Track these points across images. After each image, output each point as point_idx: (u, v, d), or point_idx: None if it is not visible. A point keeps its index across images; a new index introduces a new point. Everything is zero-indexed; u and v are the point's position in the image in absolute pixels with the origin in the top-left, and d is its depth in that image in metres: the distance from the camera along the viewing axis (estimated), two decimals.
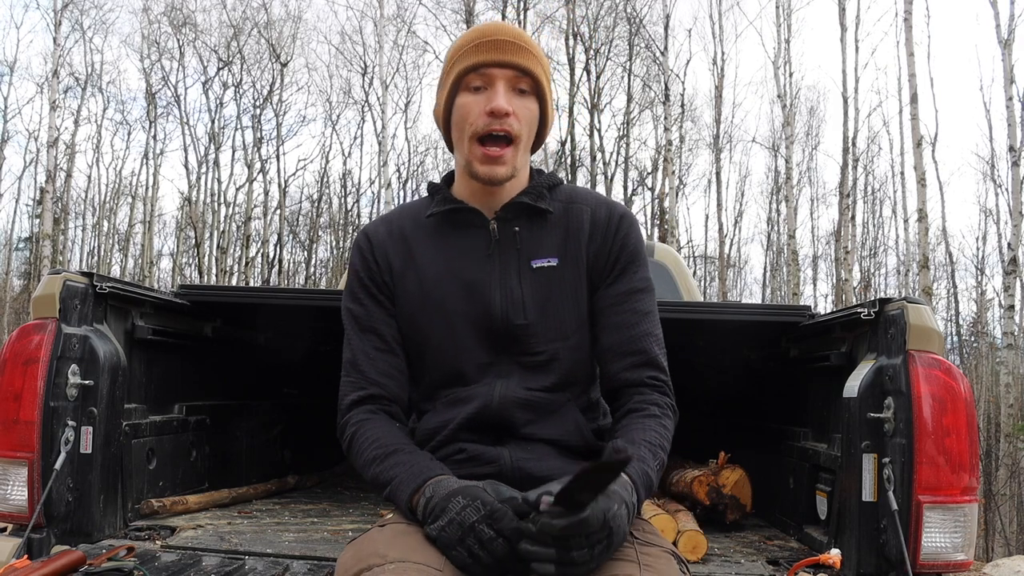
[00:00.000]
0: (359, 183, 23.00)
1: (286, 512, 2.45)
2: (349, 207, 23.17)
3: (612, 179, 20.60)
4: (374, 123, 21.34)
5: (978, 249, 20.39)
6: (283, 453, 3.14)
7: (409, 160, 22.16)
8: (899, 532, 1.69)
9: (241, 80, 21.20)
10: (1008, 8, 13.45)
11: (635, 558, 1.17)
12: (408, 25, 19.52)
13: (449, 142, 1.45)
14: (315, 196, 23.52)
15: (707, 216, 26.77)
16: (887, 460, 1.75)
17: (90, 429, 1.86)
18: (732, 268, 22.94)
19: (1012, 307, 12.17)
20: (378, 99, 18.55)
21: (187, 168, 21.43)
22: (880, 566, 1.76)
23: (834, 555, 1.76)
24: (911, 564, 1.69)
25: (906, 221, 18.59)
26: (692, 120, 21.28)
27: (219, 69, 21.29)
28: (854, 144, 17.00)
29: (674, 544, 1.96)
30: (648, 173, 21.20)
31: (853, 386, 1.85)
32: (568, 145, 19.28)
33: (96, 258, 22.82)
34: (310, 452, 3.24)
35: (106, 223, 23.25)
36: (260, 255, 21.40)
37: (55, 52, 16.78)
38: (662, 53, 16.66)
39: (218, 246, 21.03)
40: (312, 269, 23.68)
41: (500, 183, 1.38)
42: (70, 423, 1.82)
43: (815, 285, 22.85)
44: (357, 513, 2.48)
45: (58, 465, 1.79)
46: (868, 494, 1.78)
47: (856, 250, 18.62)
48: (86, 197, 22.92)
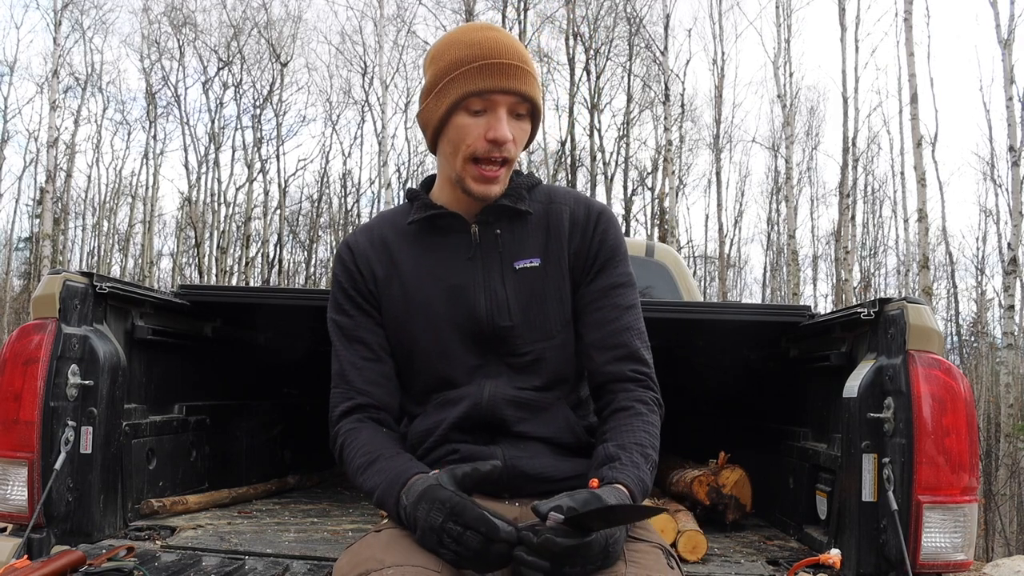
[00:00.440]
0: (359, 183, 23.04)
1: (286, 512, 2.45)
2: (349, 207, 23.19)
3: (612, 179, 20.61)
4: (374, 123, 21.38)
5: (978, 249, 20.42)
6: (283, 453, 3.14)
7: (409, 160, 22.20)
8: (899, 532, 1.69)
9: (241, 80, 21.22)
10: (1008, 8, 13.46)
11: (622, 554, 1.17)
12: (408, 25, 19.55)
13: (433, 146, 1.45)
14: (315, 196, 23.55)
15: (707, 216, 26.80)
16: (887, 460, 1.75)
17: (90, 429, 1.86)
18: (732, 268, 22.94)
19: (1012, 307, 12.17)
20: (378, 99, 18.58)
21: (187, 168, 21.46)
22: (880, 566, 1.76)
23: (834, 555, 1.76)
24: (911, 564, 1.69)
25: (906, 221, 18.61)
26: (692, 120, 21.32)
27: (219, 69, 21.31)
28: (854, 144, 17.01)
29: (674, 544, 1.96)
30: (648, 173, 21.22)
31: (853, 386, 1.85)
32: (568, 145, 19.29)
33: (96, 258, 22.82)
34: (310, 452, 3.24)
35: (106, 223, 23.26)
36: (260, 255, 21.41)
37: (55, 52, 16.79)
38: (662, 53, 16.67)
39: (218, 246, 21.03)
40: (312, 269, 23.69)
41: (492, 201, 1.40)
42: (70, 423, 1.82)
43: (815, 285, 22.87)
44: (357, 513, 2.48)
45: (58, 465, 1.79)
46: (868, 494, 1.78)
47: (856, 250, 18.63)
48: (86, 197, 22.95)
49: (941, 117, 40.13)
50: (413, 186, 1.52)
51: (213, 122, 21.42)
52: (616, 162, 20.83)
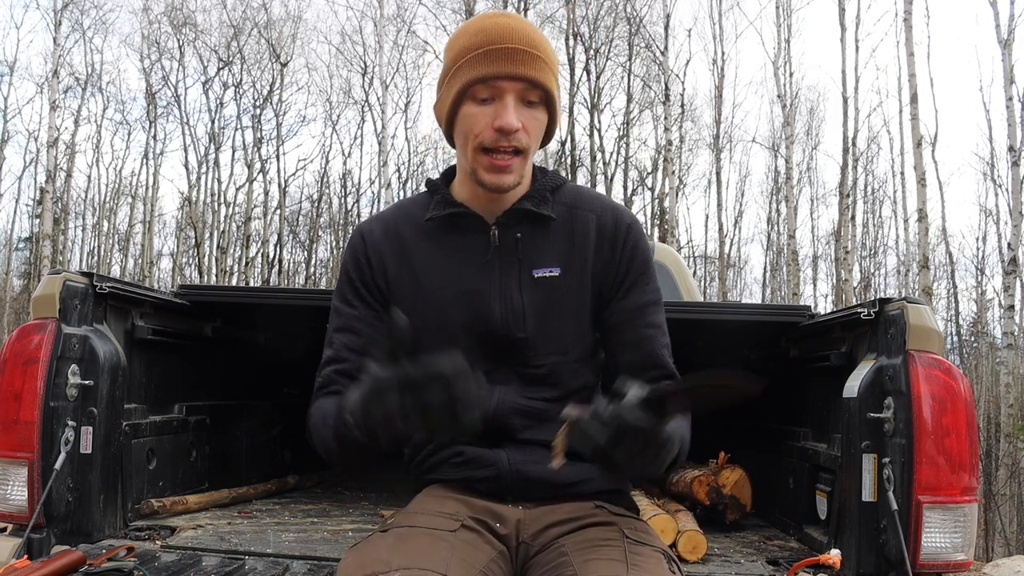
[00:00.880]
0: (359, 183, 23.00)
1: (286, 512, 2.45)
2: (349, 207, 23.18)
3: (612, 179, 20.61)
4: (374, 123, 21.34)
5: (978, 249, 20.41)
6: (283, 453, 3.14)
7: (409, 160, 22.16)
8: (899, 532, 1.69)
9: (241, 80, 21.22)
10: (1008, 8, 13.48)
11: (623, 558, 1.16)
12: (408, 25, 19.54)
13: (449, 138, 1.40)
14: (315, 196, 23.54)
15: (707, 216, 26.80)
16: (887, 460, 1.75)
17: (90, 429, 1.86)
18: (732, 268, 22.95)
19: (1012, 307, 12.18)
20: (378, 99, 18.56)
21: (187, 168, 21.45)
22: (880, 566, 1.76)
23: (834, 555, 1.76)
24: (911, 564, 1.69)
25: (906, 221, 18.61)
26: (692, 120, 21.31)
27: (219, 69, 21.31)
28: (854, 144, 17.01)
29: (674, 544, 1.97)
30: (648, 173, 21.22)
31: (853, 386, 1.85)
32: (568, 145, 19.29)
33: (96, 258, 22.82)
34: (310, 452, 3.23)
35: (106, 223, 23.27)
36: (260, 255, 21.41)
37: (55, 52, 16.79)
38: (662, 53, 16.67)
39: (218, 246, 21.03)
40: (312, 269, 23.69)
41: (506, 191, 1.34)
42: (70, 423, 1.82)
43: (815, 285, 22.86)
44: (357, 513, 2.48)
45: (58, 465, 1.79)
46: (868, 494, 1.78)
47: (856, 250, 18.64)
48: (86, 197, 22.95)
49: (941, 117, 40.14)
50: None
51: (213, 122, 21.45)
52: (616, 162, 20.85)
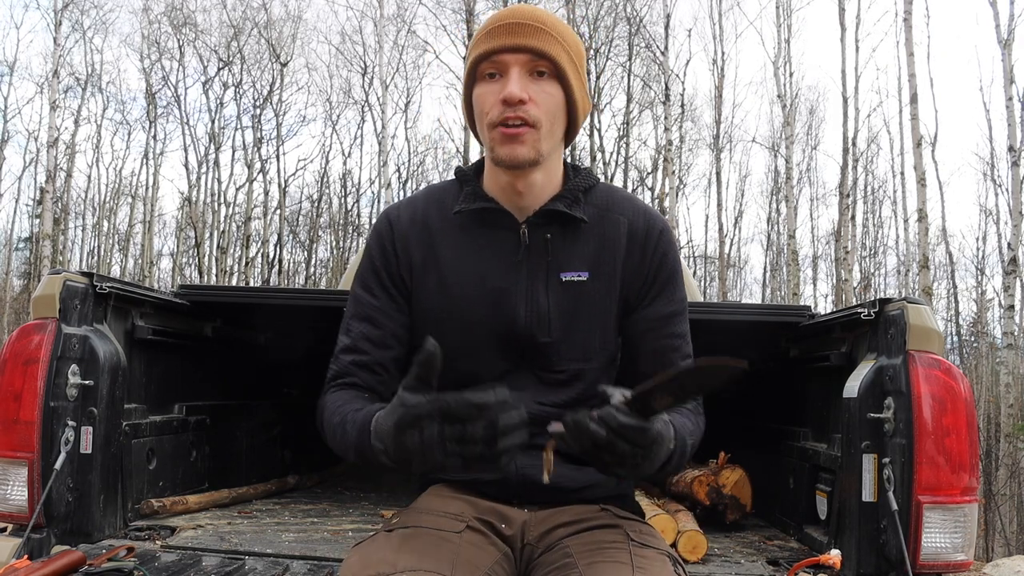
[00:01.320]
0: (359, 183, 23.00)
1: (286, 512, 2.45)
2: (349, 207, 23.19)
3: (612, 179, 20.60)
4: (374, 123, 21.34)
5: (978, 249, 20.40)
6: (283, 453, 3.14)
7: (409, 160, 22.16)
8: (899, 532, 1.69)
9: (241, 80, 21.22)
10: (1008, 8, 13.46)
11: (628, 561, 1.16)
12: (408, 25, 19.54)
13: (477, 135, 1.37)
14: (315, 196, 23.54)
15: (707, 216, 26.83)
16: (887, 460, 1.75)
17: (90, 429, 1.86)
18: (732, 268, 22.95)
19: (1012, 307, 12.17)
20: (378, 99, 18.56)
21: (187, 168, 21.46)
22: (880, 566, 1.76)
23: (834, 555, 1.76)
24: (911, 564, 1.69)
25: (906, 221, 18.60)
26: (692, 120, 21.31)
27: (219, 69, 21.31)
28: (854, 144, 17.01)
29: (674, 544, 1.97)
30: (648, 173, 21.22)
31: (853, 386, 1.85)
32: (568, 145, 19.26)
33: (96, 258, 22.83)
34: (310, 452, 3.24)
35: (106, 223, 23.27)
36: (260, 255, 21.41)
37: (55, 52, 16.79)
38: (662, 53, 16.67)
39: (218, 246, 21.03)
40: (312, 269, 23.69)
41: (523, 166, 1.28)
42: (70, 423, 1.82)
43: (815, 285, 22.86)
44: (357, 513, 2.48)
45: (58, 465, 1.79)
46: (868, 494, 1.78)
47: (856, 250, 18.63)
48: (86, 197, 22.95)
49: (941, 117, 40.20)
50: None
51: (213, 122, 21.45)
52: (616, 162, 20.84)
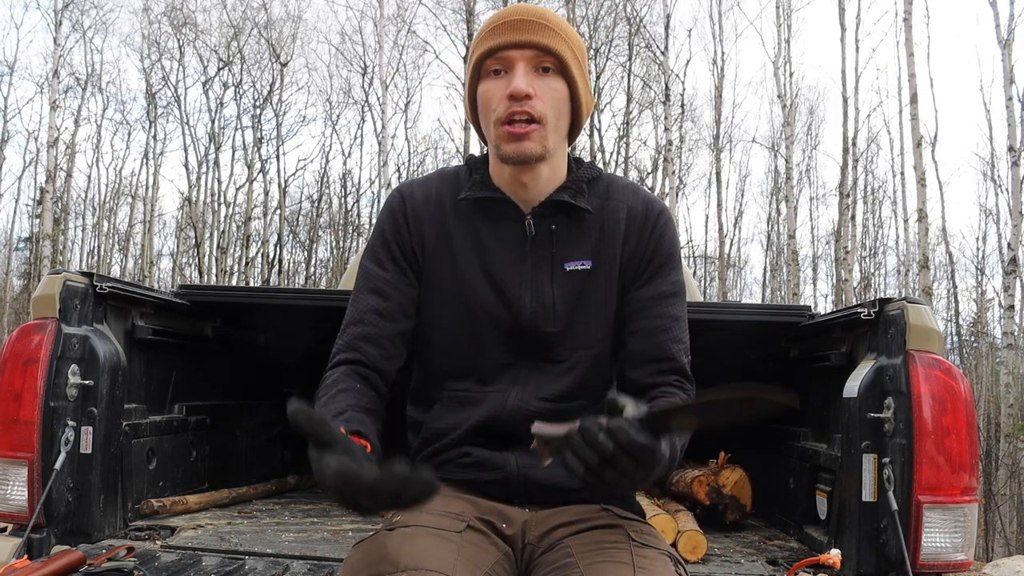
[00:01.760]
0: (359, 183, 23.02)
1: (286, 512, 2.45)
2: (349, 207, 23.20)
3: None
4: (374, 123, 21.37)
5: (978, 249, 20.38)
6: (283, 453, 3.14)
7: (409, 160, 22.20)
8: (899, 532, 1.69)
9: (241, 80, 21.21)
10: (1008, 8, 13.47)
11: (630, 560, 1.15)
12: (408, 25, 19.54)
13: (481, 132, 1.38)
14: (315, 196, 23.54)
15: (707, 216, 26.81)
16: (887, 460, 1.75)
17: (90, 429, 1.86)
18: (732, 268, 22.95)
19: (1012, 307, 12.18)
20: (378, 99, 18.57)
21: (187, 168, 21.45)
22: (880, 566, 1.76)
23: (834, 555, 1.76)
24: (911, 564, 1.69)
25: (906, 221, 18.60)
26: (692, 120, 21.29)
27: (219, 69, 21.31)
28: (854, 144, 17.00)
29: (674, 544, 1.97)
30: (648, 173, 21.21)
31: (853, 386, 1.85)
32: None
33: (96, 258, 22.82)
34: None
35: (106, 223, 23.26)
36: (260, 255, 21.41)
37: (55, 52, 16.80)
38: (662, 53, 16.67)
39: (218, 246, 21.03)
40: (312, 269, 23.68)
41: (529, 162, 1.29)
42: (70, 423, 1.83)
43: (815, 285, 22.86)
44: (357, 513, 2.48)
45: (58, 465, 1.79)
46: (868, 494, 1.78)
47: (856, 250, 18.62)
48: (86, 197, 22.94)
49: (941, 117, 40.16)
50: (474, 154, 1.42)
51: (213, 122, 21.44)
52: (616, 162, 20.83)
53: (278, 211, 21.25)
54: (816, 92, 27.24)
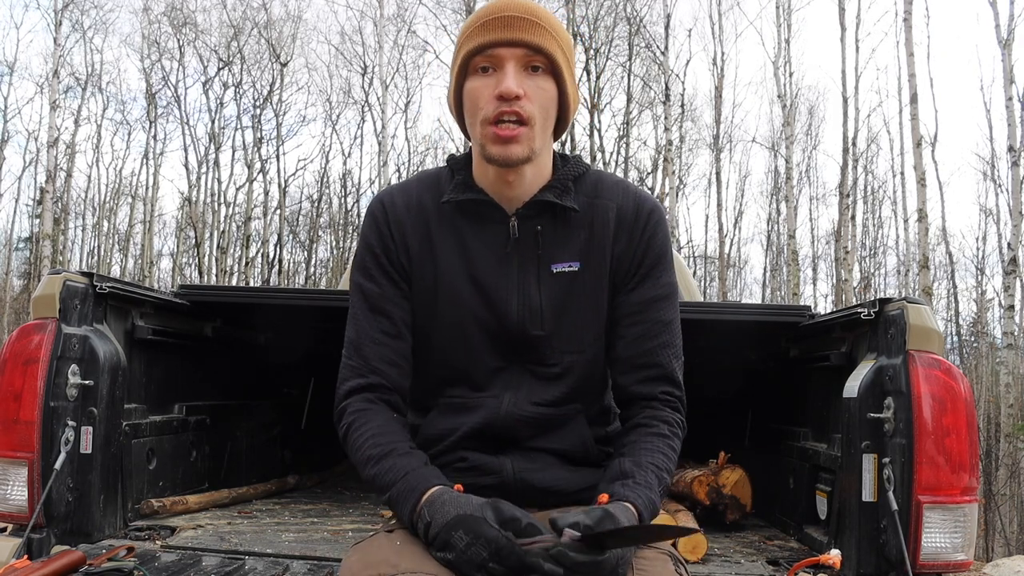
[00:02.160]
0: (359, 183, 23.02)
1: (286, 512, 2.45)
2: (349, 207, 23.18)
3: None
4: (374, 123, 21.36)
5: (978, 249, 20.39)
6: (283, 453, 3.14)
7: (409, 160, 22.19)
8: (899, 532, 1.69)
9: (241, 80, 21.21)
10: (1008, 8, 13.46)
11: (630, 563, 1.16)
12: (408, 25, 19.54)
13: (464, 129, 1.36)
14: (315, 196, 23.54)
15: (707, 216, 26.81)
16: (887, 460, 1.75)
17: (90, 429, 1.86)
18: (732, 268, 22.94)
19: (1012, 307, 12.17)
20: (378, 99, 18.57)
21: (187, 168, 21.45)
22: (880, 566, 1.76)
23: (834, 555, 1.76)
24: (911, 564, 1.69)
25: (906, 221, 18.59)
26: (692, 120, 21.29)
27: (219, 69, 21.30)
28: (854, 144, 17.00)
29: (674, 545, 1.96)
30: (648, 173, 21.20)
31: (853, 386, 1.85)
32: (568, 145, 19.28)
33: (96, 258, 22.81)
34: (310, 452, 3.24)
35: (106, 223, 23.26)
36: (260, 255, 21.40)
37: (55, 52, 16.80)
38: (662, 53, 16.67)
39: (218, 246, 21.02)
40: (312, 269, 23.68)
41: (515, 164, 1.26)
42: (70, 423, 1.82)
43: (815, 285, 22.85)
44: (357, 513, 2.48)
45: (58, 465, 1.79)
46: (868, 494, 1.78)
47: (856, 250, 18.62)
48: (86, 197, 22.93)
49: (941, 117, 40.16)
50: (454, 154, 1.40)
51: (213, 122, 21.44)
52: (616, 162, 20.82)
53: (278, 211, 21.25)
54: (816, 92, 27.22)
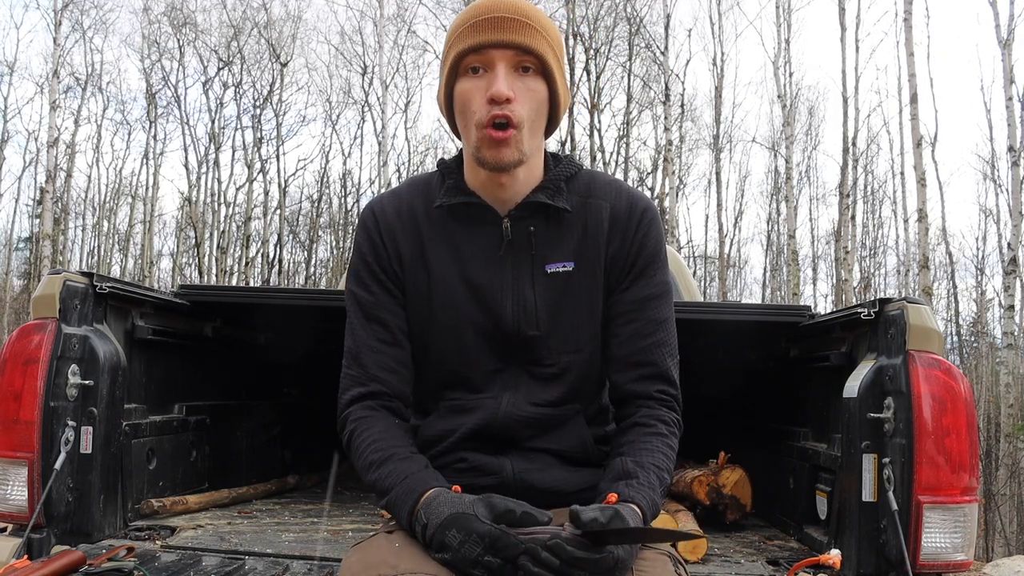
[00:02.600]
0: (359, 183, 23.03)
1: (286, 512, 2.45)
2: (349, 207, 23.19)
3: None
4: (374, 123, 21.38)
5: (978, 249, 20.42)
6: (283, 453, 3.14)
7: (409, 160, 22.20)
8: (899, 532, 1.69)
9: (241, 80, 21.22)
10: (1008, 8, 13.47)
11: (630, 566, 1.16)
12: (408, 25, 19.56)
13: (454, 129, 1.36)
14: (315, 196, 23.55)
15: (707, 216, 26.82)
16: (887, 460, 1.75)
17: (90, 429, 1.86)
18: (732, 268, 22.94)
19: (1012, 307, 12.17)
20: (378, 99, 18.58)
21: (187, 168, 21.46)
22: (880, 566, 1.76)
23: (834, 555, 1.75)
24: (911, 564, 1.69)
25: (906, 221, 18.59)
26: (692, 120, 21.30)
27: (219, 69, 21.31)
28: (854, 144, 17.00)
29: (673, 545, 1.96)
30: (648, 173, 21.20)
31: (853, 386, 1.85)
32: (568, 145, 19.28)
33: (96, 258, 22.82)
34: (310, 452, 3.24)
35: (106, 223, 23.26)
36: (260, 255, 21.41)
37: (55, 52, 16.80)
38: (662, 53, 16.67)
39: (218, 246, 21.03)
40: (312, 269, 23.69)
41: (507, 168, 1.27)
42: (70, 423, 1.82)
43: (815, 285, 22.87)
44: (357, 513, 2.48)
45: (58, 465, 1.79)
46: (868, 494, 1.78)
47: (856, 250, 18.62)
48: (86, 197, 22.94)
49: (941, 117, 40.20)
50: (445, 158, 1.39)
51: (213, 122, 21.45)
52: (616, 162, 20.82)
53: (278, 211, 21.25)
54: (816, 92, 27.26)
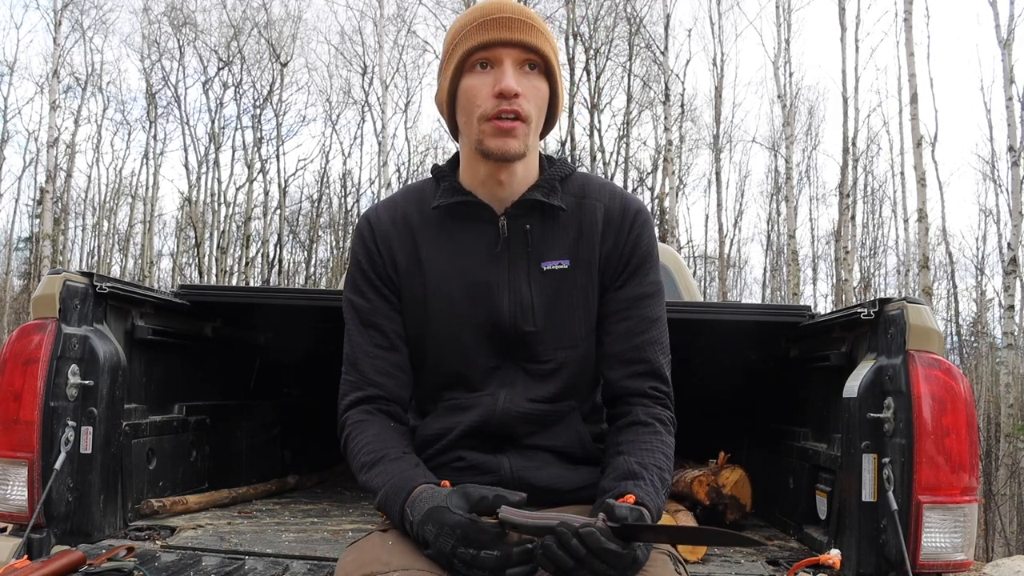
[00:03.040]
0: (359, 183, 23.03)
1: (286, 512, 2.45)
2: (349, 207, 23.20)
3: (612, 179, 20.59)
4: (374, 123, 21.38)
5: (978, 249, 20.42)
6: (283, 453, 3.14)
7: (409, 160, 22.21)
8: (899, 532, 1.69)
9: (241, 80, 21.22)
10: (1008, 8, 13.48)
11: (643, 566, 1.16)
12: (408, 25, 19.56)
13: (453, 129, 1.38)
14: (315, 196, 23.55)
15: (707, 216, 26.80)
16: (887, 460, 1.75)
17: (90, 429, 1.86)
18: (732, 268, 22.94)
19: (1012, 307, 12.17)
20: (378, 99, 18.58)
21: (187, 168, 21.45)
22: (880, 566, 1.76)
23: (834, 555, 1.76)
24: (911, 564, 1.69)
25: (906, 221, 18.60)
26: (692, 120, 21.29)
27: (219, 69, 21.31)
28: (854, 144, 17.00)
29: (673, 545, 1.96)
30: (648, 173, 21.21)
31: (853, 386, 1.85)
32: (568, 145, 19.28)
33: (96, 258, 22.81)
34: (310, 452, 3.24)
35: (106, 223, 23.25)
36: (260, 255, 21.41)
37: (55, 52, 16.80)
38: (662, 53, 16.68)
39: (218, 246, 21.03)
40: (312, 269, 23.68)
41: (511, 159, 1.29)
42: (70, 423, 1.82)
43: (815, 285, 22.86)
44: (357, 513, 2.48)
45: (58, 465, 1.79)
46: (868, 494, 1.78)
47: (856, 250, 18.62)
48: (86, 197, 22.93)
49: (941, 117, 40.13)
50: (437, 164, 1.42)
51: (213, 122, 21.44)
52: (616, 162, 20.84)
53: (278, 211, 21.25)
54: (816, 92, 27.25)
